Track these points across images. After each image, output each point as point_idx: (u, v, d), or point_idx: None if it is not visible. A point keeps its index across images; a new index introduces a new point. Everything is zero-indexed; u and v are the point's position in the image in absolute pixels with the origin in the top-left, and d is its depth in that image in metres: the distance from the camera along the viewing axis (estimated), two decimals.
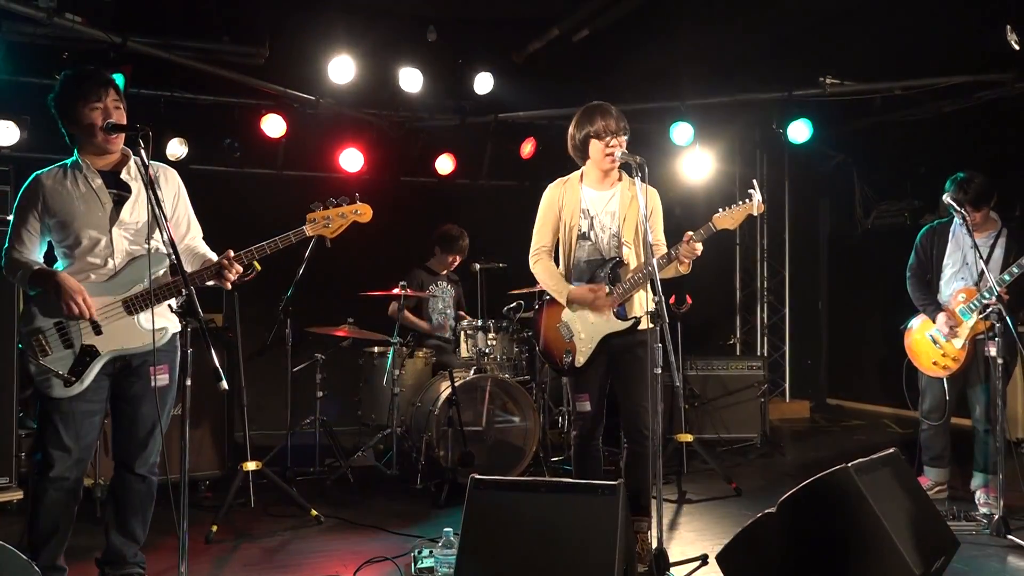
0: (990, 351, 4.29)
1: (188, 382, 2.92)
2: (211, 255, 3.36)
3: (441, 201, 7.83)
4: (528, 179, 7.70)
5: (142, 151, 2.93)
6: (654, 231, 3.83)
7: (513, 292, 5.81)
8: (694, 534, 4.42)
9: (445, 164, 7.83)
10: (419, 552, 3.68)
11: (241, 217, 5.77)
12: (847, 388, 9.13)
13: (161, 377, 3.23)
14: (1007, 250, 4.67)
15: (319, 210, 3.30)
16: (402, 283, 5.66)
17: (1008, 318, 4.19)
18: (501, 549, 2.97)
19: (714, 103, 7.24)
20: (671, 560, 3.47)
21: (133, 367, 3.25)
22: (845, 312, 9.22)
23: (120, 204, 3.21)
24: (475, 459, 5.04)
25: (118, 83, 3.26)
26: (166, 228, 2.88)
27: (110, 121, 3.13)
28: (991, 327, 4.23)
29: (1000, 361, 4.25)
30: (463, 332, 5.72)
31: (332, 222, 3.31)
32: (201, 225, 3.51)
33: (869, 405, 8.67)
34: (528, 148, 7.64)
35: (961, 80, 6.52)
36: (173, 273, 3.20)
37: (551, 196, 3.93)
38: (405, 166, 7.82)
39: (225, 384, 2.72)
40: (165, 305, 3.23)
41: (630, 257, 3.82)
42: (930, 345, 4.77)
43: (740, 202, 3.65)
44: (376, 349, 5.98)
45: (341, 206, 3.31)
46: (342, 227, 3.34)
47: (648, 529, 3.75)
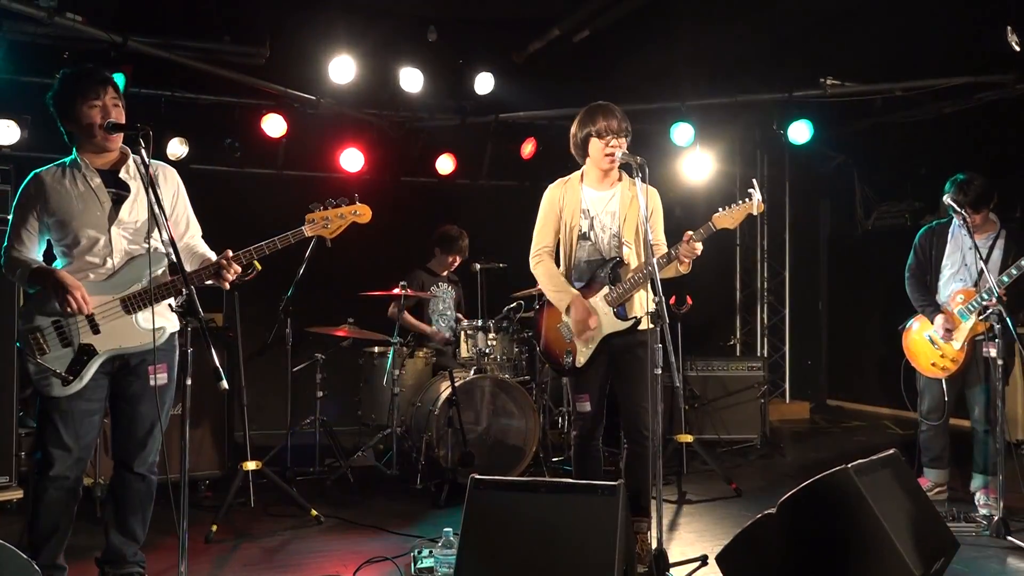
0: (989, 352, 4.29)
1: (188, 381, 2.93)
2: (210, 254, 3.36)
3: (441, 201, 7.83)
4: (528, 179, 7.70)
5: (142, 150, 2.92)
6: (654, 231, 3.83)
7: (516, 295, 5.80)
8: (694, 535, 4.41)
9: (445, 164, 7.83)
10: (419, 552, 3.68)
11: (241, 217, 5.77)
12: (847, 389, 9.13)
13: (160, 376, 3.22)
14: (1006, 251, 4.67)
15: (318, 210, 3.30)
16: (402, 283, 5.65)
17: (1008, 319, 4.20)
18: (501, 549, 2.97)
19: (714, 104, 7.24)
20: (671, 561, 3.47)
21: (132, 366, 3.24)
22: (845, 313, 9.22)
23: (119, 203, 3.21)
24: (475, 459, 5.04)
25: (118, 82, 3.26)
26: (166, 227, 2.88)
27: (111, 120, 3.12)
28: (990, 328, 4.23)
29: (1000, 362, 4.25)
30: (463, 332, 5.72)
31: (331, 223, 3.31)
32: (201, 225, 3.51)
33: (869, 406, 8.68)
34: (528, 148, 7.64)
35: (961, 81, 6.51)
36: (172, 272, 3.20)
37: (551, 196, 3.93)
38: (405, 166, 7.81)
39: (225, 384, 2.71)
40: (164, 304, 3.23)
41: (630, 257, 3.82)
42: (928, 346, 4.77)
43: (740, 201, 3.65)
44: (376, 349, 5.98)
45: (340, 207, 3.31)
46: (341, 228, 3.34)
47: (648, 529, 3.75)
